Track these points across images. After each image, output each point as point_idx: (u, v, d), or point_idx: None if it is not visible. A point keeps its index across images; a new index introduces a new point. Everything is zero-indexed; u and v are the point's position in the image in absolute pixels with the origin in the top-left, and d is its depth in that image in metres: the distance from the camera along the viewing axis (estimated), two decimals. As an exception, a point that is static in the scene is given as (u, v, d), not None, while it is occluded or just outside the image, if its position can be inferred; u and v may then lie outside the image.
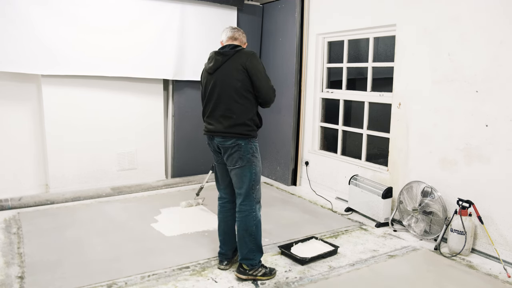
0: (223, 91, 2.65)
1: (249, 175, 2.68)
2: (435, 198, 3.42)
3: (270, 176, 5.48)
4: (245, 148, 2.66)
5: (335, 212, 4.22)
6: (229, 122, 2.64)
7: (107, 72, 4.50)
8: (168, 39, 4.79)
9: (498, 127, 3.09)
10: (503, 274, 2.91)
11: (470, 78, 3.26)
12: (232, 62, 2.65)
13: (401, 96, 3.85)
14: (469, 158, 3.30)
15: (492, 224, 3.16)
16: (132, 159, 4.92)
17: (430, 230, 3.49)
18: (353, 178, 4.19)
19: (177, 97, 5.08)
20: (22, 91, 4.30)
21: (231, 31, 2.80)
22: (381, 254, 3.21)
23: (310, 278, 2.80)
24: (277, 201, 4.52)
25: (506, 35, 2.99)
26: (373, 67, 4.27)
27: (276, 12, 5.23)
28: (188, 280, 2.75)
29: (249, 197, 2.71)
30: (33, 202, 4.17)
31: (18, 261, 2.97)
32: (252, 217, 2.71)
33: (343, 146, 4.78)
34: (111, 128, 4.73)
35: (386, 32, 4.06)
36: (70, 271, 2.82)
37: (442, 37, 3.44)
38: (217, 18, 5.04)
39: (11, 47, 3.95)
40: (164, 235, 3.50)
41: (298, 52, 4.97)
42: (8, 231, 3.51)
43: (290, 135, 5.12)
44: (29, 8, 3.98)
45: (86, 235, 3.45)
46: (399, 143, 3.90)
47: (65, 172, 4.50)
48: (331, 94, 4.81)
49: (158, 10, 4.69)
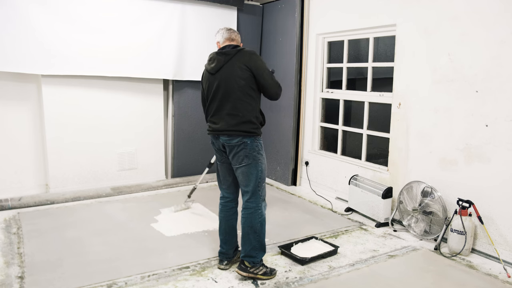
0: (228, 90, 2.67)
1: (255, 173, 2.71)
2: (435, 198, 3.42)
3: (270, 176, 5.48)
4: (251, 146, 2.68)
5: (335, 212, 4.22)
6: (235, 121, 2.67)
7: (107, 72, 4.50)
8: (168, 39, 4.79)
9: (498, 127, 3.09)
10: (503, 274, 2.91)
11: (470, 78, 3.26)
12: (234, 61, 2.68)
13: (401, 96, 3.85)
14: (469, 158, 3.30)
15: (492, 224, 3.16)
16: (132, 159, 4.92)
17: (430, 230, 3.49)
18: (353, 178, 4.19)
19: (177, 97, 5.08)
20: (22, 91, 4.29)
21: (228, 32, 2.83)
22: (381, 254, 3.21)
23: (310, 278, 2.80)
24: (277, 201, 4.52)
25: (507, 34, 2.99)
26: (373, 67, 4.27)
27: (276, 12, 5.23)
28: (188, 280, 2.75)
29: (256, 195, 2.74)
30: (33, 202, 4.17)
31: (18, 261, 2.97)
32: (258, 214, 2.74)
33: (343, 146, 4.78)
34: (111, 128, 4.73)
35: (386, 32, 4.06)
36: (70, 271, 2.82)
37: (442, 37, 3.44)
38: (217, 18, 5.04)
39: (10, 46, 3.95)
40: (164, 235, 3.50)
41: (298, 52, 4.97)
42: (8, 231, 3.51)
43: (290, 135, 5.12)
44: (28, 7, 3.98)
45: (86, 235, 3.45)
46: (399, 143, 3.90)
47: (65, 172, 4.50)
48: (331, 94, 4.81)
49: (158, 10, 4.69)
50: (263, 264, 2.80)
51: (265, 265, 2.81)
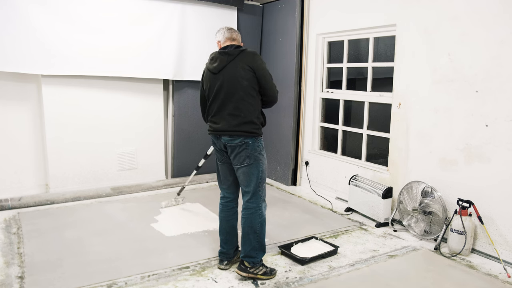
0: (230, 90, 2.67)
1: (256, 173, 2.72)
2: (435, 198, 3.42)
3: (270, 176, 5.48)
4: (253, 146, 2.69)
5: (335, 212, 4.22)
6: (237, 121, 2.67)
7: (107, 72, 4.50)
8: (168, 39, 4.79)
9: (498, 127, 3.09)
10: (503, 274, 2.91)
11: (470, 78, 3.26)
12: (237, 61, 2.68)
13: (401, 96, 3.85)
14: (469, 158, 3.30)
15: (492, 224, 3.16)
16: (132, 159, 4.92)
17: (430, 230, 3.49)
18: (353, 178, 4.19)
19: (177, 97, 5.08)
20: (22, 91, 4.29)
21: (229, 32, 2.83)
22: (381, 254, 3.21)
23: (310, 278, 2.80)
24: (277, 201, 4.52)
25: (507, 34, 2.99)
26: (373, 67, 4.27)
27: (276, 12, 5.23)
28: (188, 280, 2.75)
29: (256, 195, 2.74)
30: (33, 202, 4.17)
31: (18, 261, 2.97)
32: (258, 214, 2.74)
33: (343, 146, 4.78)
34: (111, 128, 4.73)
35: (386, 32, 4.06)
36: (70, 271, 2.82)
37: (442, 37, 3.44)
38: (217, 18, 5.04)
39: (11, 46, 3.95)
40: (164, 235, 3.50)
41: (298, 52, 4.97)
42: (8, 231, 3.51)
43: (290, 135, 5.12)
44: (28, 7, 3.98)
45: (86, 235, 3.45)
46: (399, 143, 3.90)
47: (65, 172, 4.50)
48: (331, 94, 4.81)
49: (158, 10, 4.69)
50: (263, 264, 2.80)
51: (265, 265, 2.81)
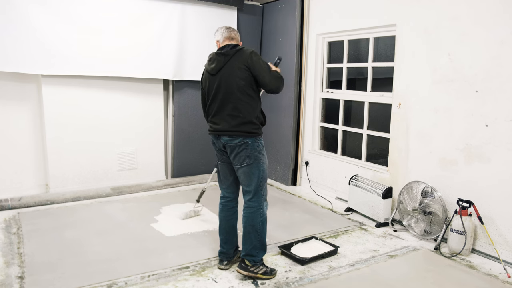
0: (228, 91, 2.68)
1: (257, 173, 2.72)
2: (435, 198, 3.42)
3: (270, 176, 5.47)
4: (252, 146, 2.69)
5: (335, 212, 4.22)
6: (237, 121, 2.68)
7: (107, 72, 4.50)
8: (168, 39, 4.79)
9: (498, 127, 3.09)
10: (503, 274, 2.91)
11: (470, 78, 3.25)
12: (233, 61, 2.68)
13: (401, 96, 3.85)
14: (469, 158, 3.30)
15: (492, 224, 3.16)
16: (132, 159, 4.92)
17: (430, 230, 3.49)
18: (353, 178, 4.19)
19: (177, 97, 5.08)
20: (22, 91, 4.29)
21: (227, 31, 2.83)
22: (381, 254, 3.21)
23: (310, 278, 2.80)
24: (277, 201, 4.52)
25: (507, 34, 2.99)
26: (373, 67, 4.27)
27: (276, 12, 5.23)
28: (188, 280, 2.75)
29: (258, 194, 2.75)
30: (33, 202, 4.17)
31: (18, 261, 2.97)
32: (260, 213, 2.75)
33: (343, 146, 4.78)
34: (111, 128, 4.73)
35: (386, 32, 4.06)
36: (70, 271, 2.82)
37: (442, 37, 3.44)
38: (217, 18, 5.04)
39: (11, 46, 3.95)
40: (164, 235, 3.50)
41: (298, 52, 4.97)
42: (8, 231, 3.51)
43: (290, 135, 5.12)
44: (28, 7, 3.98)
45: (86, 235, 3.45)
46: (399, 143, 3.90)
47: (65, 172, 4.50)
48: (331, 94, 4.81)
49: (158, 10, 4.69)
50: (264, 264, 2.80)
51: (265, 265, 2.81)
